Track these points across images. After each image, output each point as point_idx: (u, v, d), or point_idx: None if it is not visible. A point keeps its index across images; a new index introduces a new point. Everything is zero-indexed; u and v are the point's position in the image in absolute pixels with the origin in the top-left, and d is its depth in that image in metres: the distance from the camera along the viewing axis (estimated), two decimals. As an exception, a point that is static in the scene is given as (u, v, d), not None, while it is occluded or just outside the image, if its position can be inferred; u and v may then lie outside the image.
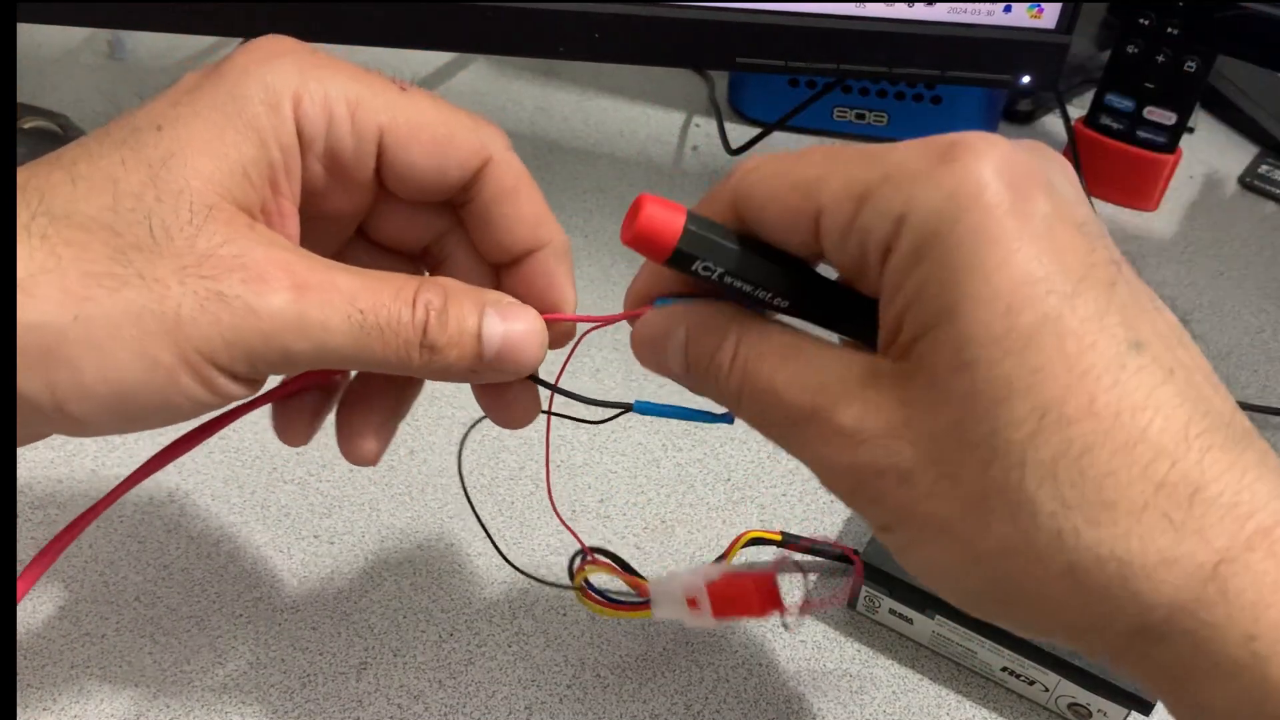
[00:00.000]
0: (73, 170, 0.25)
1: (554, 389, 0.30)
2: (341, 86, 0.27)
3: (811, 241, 0.25)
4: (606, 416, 0.31)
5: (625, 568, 0.36)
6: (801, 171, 0.25)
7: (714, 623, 0.34)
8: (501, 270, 0.31)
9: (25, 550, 0.42)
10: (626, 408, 0.30)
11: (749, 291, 0.26)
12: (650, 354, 0.29)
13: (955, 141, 0.23)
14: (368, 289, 0.26)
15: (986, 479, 0.22)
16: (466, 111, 0.29)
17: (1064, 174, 0.24)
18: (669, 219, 0.24)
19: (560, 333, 0.31)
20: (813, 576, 0.43)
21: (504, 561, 0.39)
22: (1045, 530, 0.22)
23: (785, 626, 0.41)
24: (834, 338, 0.27)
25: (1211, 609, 0.21)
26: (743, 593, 0.33)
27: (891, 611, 0.41)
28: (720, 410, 0.28)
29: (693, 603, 0.34)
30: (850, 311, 0.27)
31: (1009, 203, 0.22)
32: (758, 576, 0.34)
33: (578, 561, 0.36)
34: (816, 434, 0.25)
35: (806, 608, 0.33)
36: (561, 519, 0.36)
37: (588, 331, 0.31)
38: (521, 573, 0.38)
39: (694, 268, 0.25)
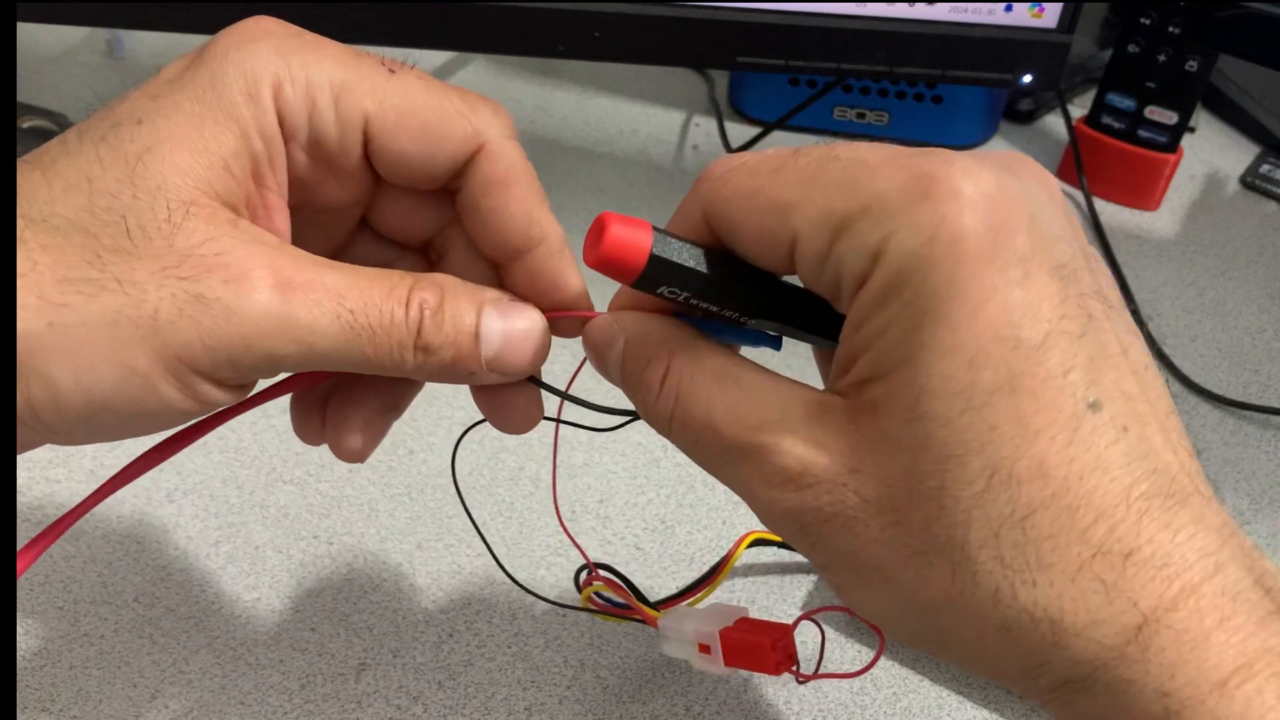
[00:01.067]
0: (50, 170, 0.24)
1: (563, 395, 0.29)
2: (325, 71, 0.26)
3: (785, 263, 0.25)
4: (615, 424, 0.30)
5: (635, 592, 0.36)
6: (775, 193, 0.24)
7: (724, 671, 0.33)
8: (501, 268, 0.30)
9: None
10: (635, 415, 0.30)
11: (716, 311, 0.25)
12: (596, 360, 0.28)
13: (935, 175, 0.22)
14: (358, 287, 0.25)
15: (931, 533, 0.23)
16: (461, 92, 0.28)
17: (1048, 197, 0.24)
18: (635, 240, 0.23)
19: (571, 325, 0.29)
20: (813, 577, 0.43)
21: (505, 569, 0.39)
22: (983, 588, 0.22)
23: (798, 683, 0.39)
24: (773, 359, 0.27)
25: (1131, 666, 0.22)
26: (758, 647, 0.32)
27: (892, 612, 0.41)
28: None
29: (704, 648, 0.34)
30: (821, 320, 0.26)
31: (987, 249, 0.22)
32: (776, 631, 0.33)
33: (584, 576, 0.36)
34: (756, 473, 0.24)
35: (821, 674, 0.32)
36: (569, 534, 0.36)
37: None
38: (524, 589, 0.38)
39: (659, 291, 0.24)
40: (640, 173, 0.66)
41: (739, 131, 0.68)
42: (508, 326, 0.27)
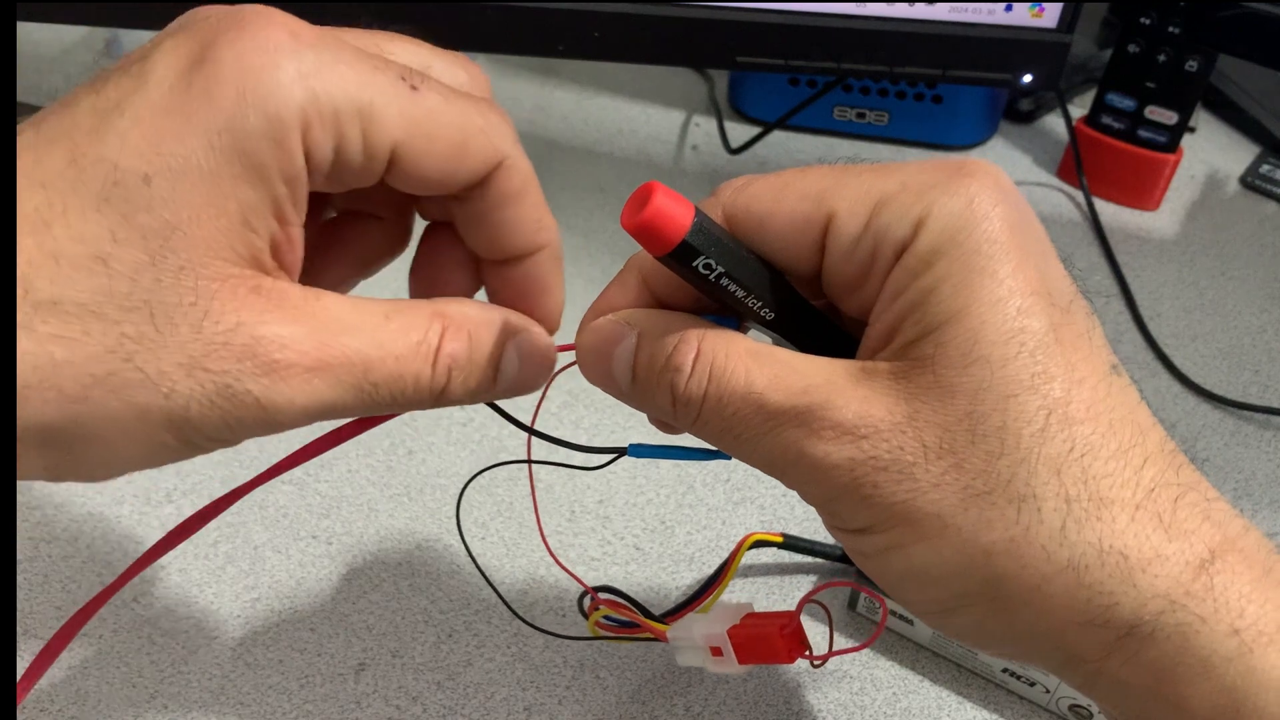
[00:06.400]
0: (45, 237, 0.21)
1: (544, 437, 0.30)
2: (349, 94, 0.24)
3: (810, 252, 0.26)
4: (602, 463, 0.30)
5: (641, 610, 0.35)
6: (808, 183, 0.26)
7: (741, 670, 0.33)
8: (487, 263, 0.29)
9: (23, 550, 0.42)
10: (620, 452, 0.30)
11: (740, 297, 0.25)
12: (595, 364, 0.28)
13: (964, 162, 0.25)
14: (383, 358, 0.25)
15: (994, 471, 0.23)
16: (476, 105, 0.27)
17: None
18: (679, 211, 0.24)
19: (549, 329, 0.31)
20: (813, 577, 0.43)
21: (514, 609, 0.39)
22: (1049, 524, 0.23)
23: (814, 666, 0.40)
24: None
25: (1200, 603, 0.23)
26: (767, 637, 0.32)
27: (892, 613, 0.41)
28: (711, 447, 0.27)
29: (716, 650, 0.33)
30: (824, 332, 0.27)
31: (1018, 222, 0.24)
32: (782, 619, 0.33)
33: (587, 603, 0.36)
34: (807, 433, 0.24)
35: (834, 651, 0.32)
36: (564, 567, 0.36)
37: (570, 364, 0.30)
38: (534, 627, 0.38)
39: (695, 263, 0.24)
40: (640, 173, 0.66)
41: (739, 131, 0.68)
42: (523, 362, 0.28)
